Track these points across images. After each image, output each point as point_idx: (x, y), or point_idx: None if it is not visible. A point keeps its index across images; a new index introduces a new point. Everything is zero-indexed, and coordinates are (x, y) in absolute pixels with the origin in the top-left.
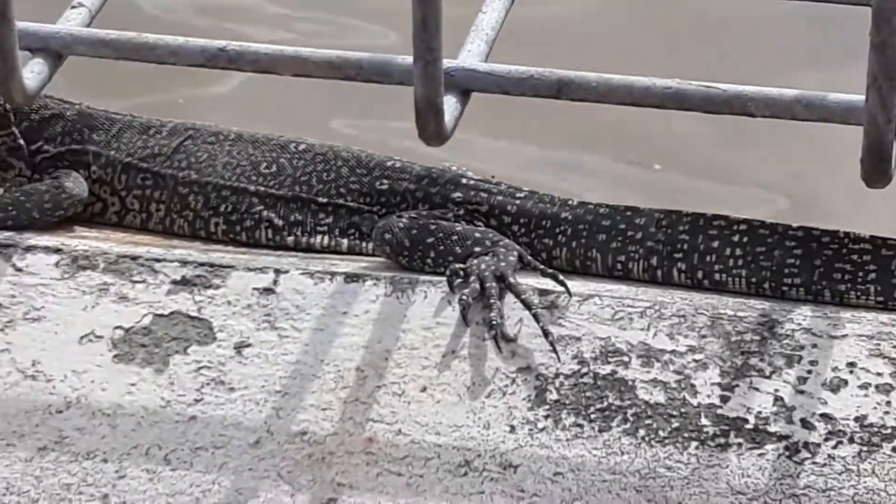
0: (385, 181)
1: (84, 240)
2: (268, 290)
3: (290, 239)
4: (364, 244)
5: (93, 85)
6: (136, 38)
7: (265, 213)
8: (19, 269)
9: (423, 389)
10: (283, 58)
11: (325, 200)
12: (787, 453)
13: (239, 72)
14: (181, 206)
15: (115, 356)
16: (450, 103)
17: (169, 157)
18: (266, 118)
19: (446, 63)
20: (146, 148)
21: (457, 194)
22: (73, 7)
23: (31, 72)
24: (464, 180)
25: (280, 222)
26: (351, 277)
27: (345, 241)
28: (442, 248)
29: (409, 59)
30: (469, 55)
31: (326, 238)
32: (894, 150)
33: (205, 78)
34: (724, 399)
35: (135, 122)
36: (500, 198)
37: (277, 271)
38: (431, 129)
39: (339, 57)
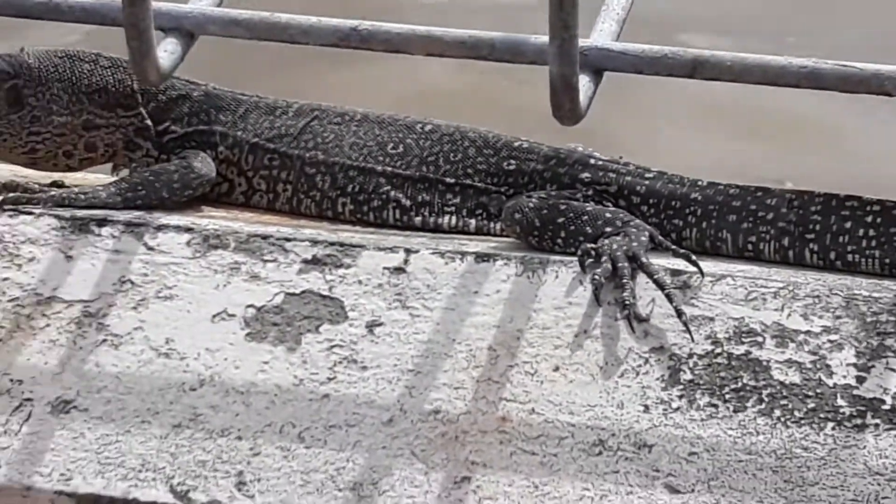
0: (513, 161)
1: (213, 219)
2: (398, 270)
3: (418, 219)
4: (492, 224)
5: None
6: (269, 18)
7: (393, 193)
8: (151, 248)
9: (556, 369)
10: (415, 37)
11: (452, 181)
12: None
13: (370, 51)
14: (308, 187)
15: (247, 334)
16: (583, 82)
17: (296, 138)
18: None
19: (580, 42)
20: (273, 129)
21: (585, 175)
22: None
23: (165, 51)
24: (592, 161)
25: (408, 202)
26: (481, 257)
27: (472, 222)
28: (573, 228)
29: (543, 38)
30: (601, 35)
31: (454, 218)
32: None
33: None
34: (860, 380)
35: (261, 102)
36: (628, 178)
37: (408, 251)
38: (567, 108)
39: (472, 36)
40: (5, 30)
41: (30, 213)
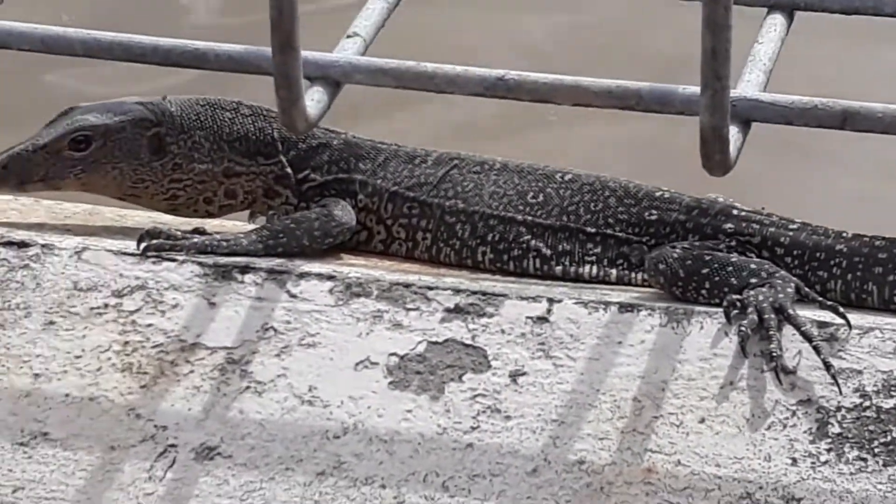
0: (654, 212)
1: (353, 267)
2: (541, 319)
3: (559, 268)
4: (633, 274)
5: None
6: (415, 67)
7: (533, 242)
8: (294, 296)
9: (702, 420)
10: (562, 87)
11: (593, 230)
12: None
13: (516, 100)
14: (448, 235)
15: (390, 383)
16: (733, 133)
17: (435, 187)
18: None
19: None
20: (412, 177)
21: (728, 225)
22: (349, 36)
23: (312, 99)
24: (734, 211)
25: (548, 252)
26: (625, 307)
27: (613, 272)
28: (717, 279)
29: (691, 88)
30: (748, 85)
31: (595, 268)
32: None
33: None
34: None
35: (400, 151)
36: (772, 229)
37: (550, 300)
38: (717, 159)
39: (619, 86)
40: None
41: (173, 260)
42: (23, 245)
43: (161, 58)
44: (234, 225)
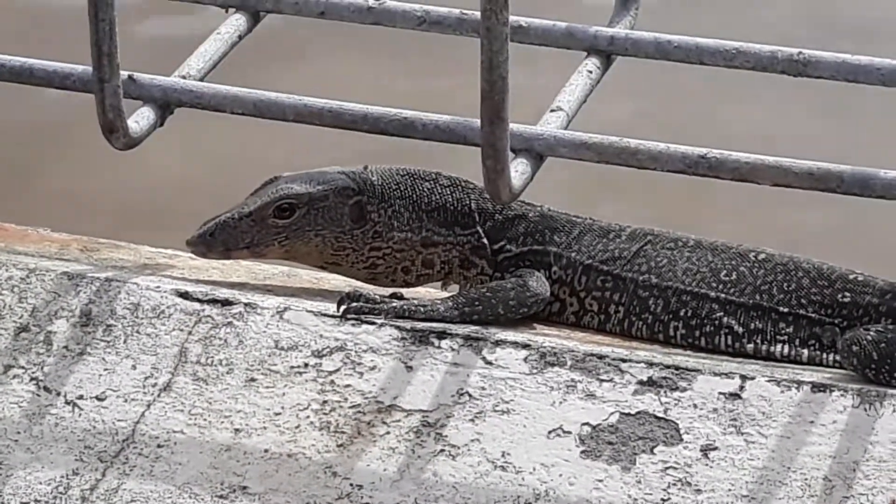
0: (847, 294)
1: (547, 337)
2: (734, 396)
3: (750, 346)
4: (824, 355)
5: None
6: (618, 143)
7: (725, 319)
8: (489, 363)
9: (893, 502)
10: (763, 167)
11: (785, 310)
12: None
13: (717, 178)
14: (640, 309)
15: (582, 452)
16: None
17: (629, 261)
18: None
19: None
20: (606, 251)
21: None
22: (553, 111)
23: (516, 171)
24: None
25: (740, 329)
26: (817, 387)
27: (805, 352)
28: None
29: (893, 172)
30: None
31: (787, 347)
32: None
33: None
34: None
35: (594, 225)
36: None
37: (743, 377)
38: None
39: (820, 168)
40: None
41: (372, 323)
42: (227, 303)
43: (370, 125)
44: (428, 291)
